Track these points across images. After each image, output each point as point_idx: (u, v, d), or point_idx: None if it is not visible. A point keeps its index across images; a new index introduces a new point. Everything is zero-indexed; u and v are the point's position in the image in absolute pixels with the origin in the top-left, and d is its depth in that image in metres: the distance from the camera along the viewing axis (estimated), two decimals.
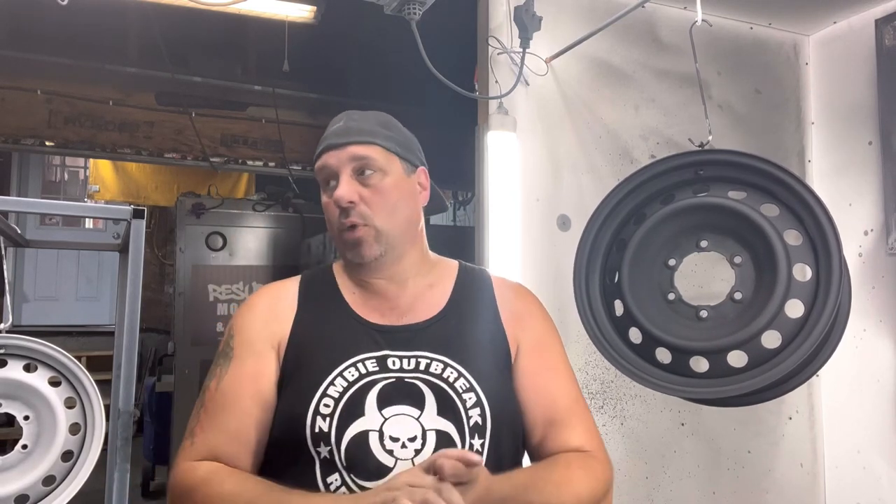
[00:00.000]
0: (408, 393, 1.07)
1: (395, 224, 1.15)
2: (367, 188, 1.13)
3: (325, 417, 1.04)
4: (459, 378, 1.09)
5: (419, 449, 1.04)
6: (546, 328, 1.24)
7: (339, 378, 1.07)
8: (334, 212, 1.14)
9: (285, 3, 2.95)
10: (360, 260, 1.14)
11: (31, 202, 2.34)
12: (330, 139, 1.15)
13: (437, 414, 1.06)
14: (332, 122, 1.20)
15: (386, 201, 1.13)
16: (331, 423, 1.04)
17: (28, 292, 6.40)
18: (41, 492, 1.40)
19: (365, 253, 1.13)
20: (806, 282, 1.35)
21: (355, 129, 1.15)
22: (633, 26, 2.27)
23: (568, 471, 1.08)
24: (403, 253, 1.18)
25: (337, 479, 1.02)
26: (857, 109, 2.37)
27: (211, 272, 4.25)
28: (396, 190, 1.15)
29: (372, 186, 1.13)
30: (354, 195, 1.12)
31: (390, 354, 1.10)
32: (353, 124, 1.16)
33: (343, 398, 1.05)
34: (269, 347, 1.12)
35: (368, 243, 1.12)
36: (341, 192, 1.11)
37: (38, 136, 4.04)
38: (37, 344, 1.43)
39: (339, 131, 1.15)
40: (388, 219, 1.14)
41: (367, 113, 1.21)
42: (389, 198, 1.14)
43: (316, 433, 1.03)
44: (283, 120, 4.37)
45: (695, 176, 1.49)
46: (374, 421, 1.04)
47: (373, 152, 1.14)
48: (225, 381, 1.11)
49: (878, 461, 2.28)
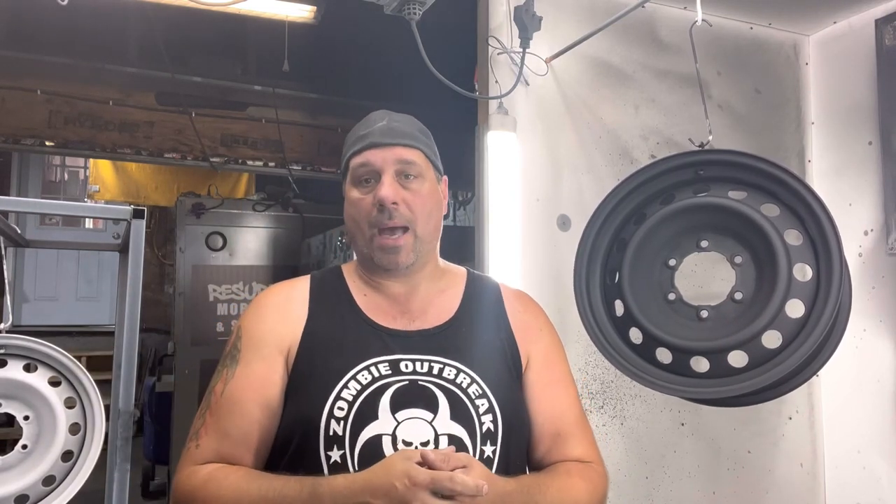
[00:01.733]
0: (421, 396, 1.07)
1: (429, 231, 1.16)
2: (409, 191, 1.13)
3: (339, 421, 1.04)
4: (472, 384, 1.10)
5: None
6: (553, 340, 1.25)
7: (352, 381, 1.06)
8: (369, 210, 1.12)
9: (285, 3, 2.95)
10: (392, 267, 1.13)
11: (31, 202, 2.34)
12: (374, 137, 1.14)
13: (451, 418, 1.06)
14: (369, 120, 1.18)
15: (424, 206, 1.14)
16: (345, 426, 1.03)
17: (28, 292, 6.40)
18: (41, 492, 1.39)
19: (401, 260, 1.12)
20: (806, 282, 1.35)
21: (400, 131, 1.15)
22: (633, 26, 2.27)
23: (569, 478, 1.10)
24: (426, 261, 1.18)
25: None
26: (857, 109, 2.36)
27: (211, 272, 4.25)
28: (432, 197, 1.16)
29: (413, 190, 1.13)
30: (399, 196, 1.11)
31: (403, 358, 1.10)
32: (397, 126, 1.16)
33: (357, 401, 1.05)
34: (277, 352, 1.11)
35: (406, 251, 1.12)
36: (386, 191, 1.10)
37: (38, 136, 4.03)
38: (37, 344, 1.43)
39: (384, 131, 1.14)
40: (425, 225, 1.14)
41: (405, 116, 1.20)
42: (427, 204, 1.14)
43: (330, 436, 1.03)
44: (283, 120, 4.37)
45: (695, 176, 1.49)
46: (388, 425, 1.04)
47: (416, 157, 1.15)
48: (231, 385, 1.10)
49: (878, 461, 2.28)
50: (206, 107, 4.36)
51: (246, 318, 1.16)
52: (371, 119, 1.18)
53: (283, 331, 1.13)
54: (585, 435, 1.18)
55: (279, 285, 1.23)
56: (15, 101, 3.98)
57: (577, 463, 1.14)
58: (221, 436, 1.07)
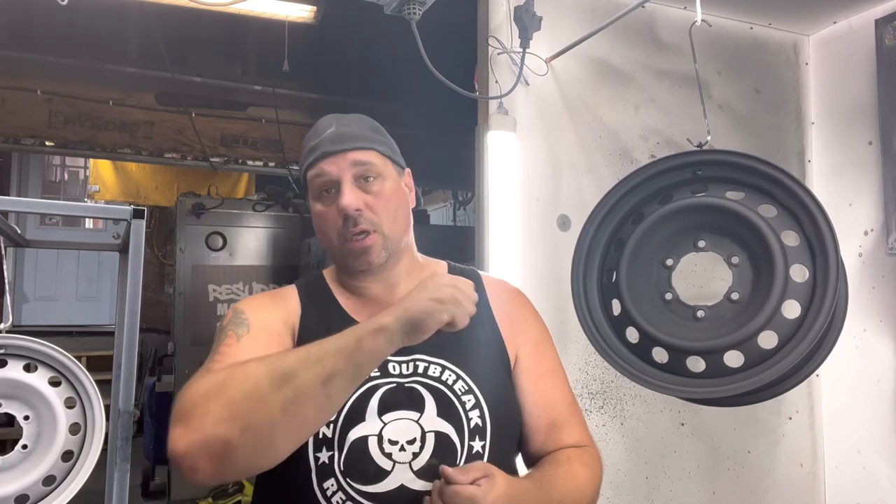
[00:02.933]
0: (407, 397, 1.07)
1: (397, 228, 1.14)
2: (370, 195, 1.11)
3: (328, 423, 1.03)
4: (458, 380, 1.10)
5: (417, 452, 1.04)
6: (540, 329, 1.25)
7: None
8: (335, 221, 1.10)
9: (285, 3, 2.95)
10: (365, 267, 1.12)
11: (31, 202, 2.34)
12: (326, 146, 1.11)
13: (437, 416, 1.06)
14: (317, 129, 1.15)
15: (388, 206, 1.12)
16: (334, 428, 1.03)
17: (28, 292, 6.41)
18: (41, 492, 1.40)
19: (373, 260, 1.11)
20: (803, 283, 1.35)
21: (351, 135, 1.12)
22: (633, 26, 2.27)
23: (570, 466, 1.11)
24: (400, 257, 1.18)
25: (333, 484, 1.02)
26: (857, 109, 2.36)
27: (211, 272, 4.25)
28: (395, 194, 1.15)
29: (375, 193, 1.11)
30: (360, 202, 1.09)
31: (390, 359, 1.09)
32: (347, 130, 1.13)
33: (347, 403, 1.04)
34: (286, 329, 1.10)
35: (377, 250, 1.11)
36: (348, 200, 1.08)
37: (38, 136, 4.04)
38: (37, 344, 1.43)
39: (334, 138, 1.12)
40: (392, 224, 1.13)
41: (355, 116, 1.18)
42: (391, 203, 1.13)
43: (319, 438, 1.03)
44: (283, 120, 4.37)
45: (693, 176, 1.49)
46: (374, 426, 1.04)
47: (372, 157, 1.12)
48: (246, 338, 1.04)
49: (878, 461, 2.28)
50: (206, 107, 4.36)
51: (244, 303, 1.13)
52: (319, 127, 1.15)
53: (285, 316, 1.12)
54: (578, 421, 1.20)
55: (267, 292, 1.22)
56: (15, 101, 3.98)
57: (574, 449, 1.15)
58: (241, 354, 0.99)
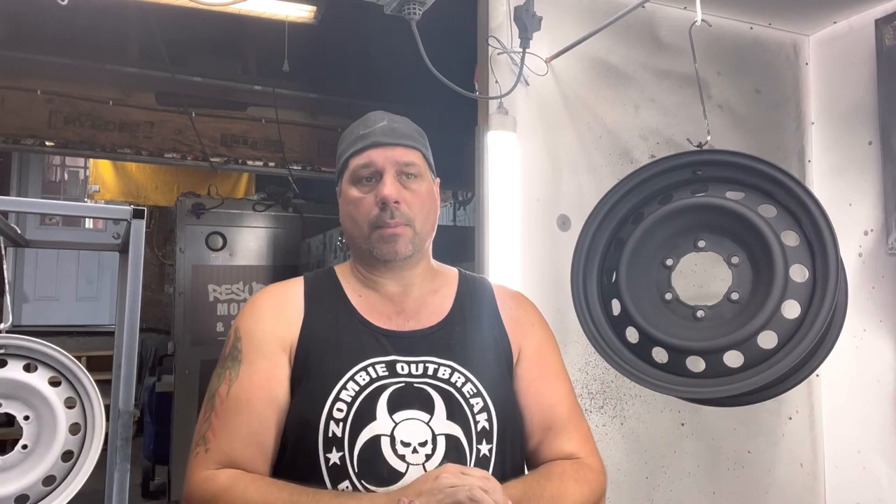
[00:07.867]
0: (417, 397, 1.07)
1: (426, 229, 1.18)
2: (409, 191, 1.15)
3: (338, 422, 1.04)
4: (467, 383, 1.10)
5: (430, 454, 1.04)
6: (546, 335, 1.26)
7: (350, 382, 1.07)
8: (370, 208, 1.14)
9: (285, 3, 2.95)
10: (391, 257, 1.14)
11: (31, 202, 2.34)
12: (376, 136, 1.16)
13: (447, 418, 1.07)
14: (368, 119, 1.20)
15: (423, 206, 1.16)
16: (344, 427, 1.04)
17: (28, 292, 6.41)
18: (41, 492, 1.39)
19: (400, 249, 1.14)
20: (803, 283, 1.35)
21: (401, 132, 1.17)
22: (632, 26, 2.27)
23: (562, 483, 1.08)
24: (421, 258, 1.20)
25: (347, 485, 1.02)
26: (857, 109, 2.36)
27: (211, 272, 4.25)
28: (429, 196, 1.19)
29: (413, 190, 1.15)
30: (400, 195, 1.13)
31: (398, 359, 1.10)
32: (398, 126, 1.18)
33: (356, 402, 1.05)
34: (280, 350, 1.11)
35: (405, 241, 1.14)
36: (389, 190, 1.12)
37: (38, 136, 4.04)
38: (37, 344, 1.43)
39: (386, 131, 1.16)
40: (423, 223, 1.17)
41: (403, 118, 1.23)
42: (426, 203, 1.17)
43: (329, 438, 1.03)
44: (283, 120, 4.38)
45: (693, 176, 1.49)
46: (386, 425, 1.04)
47: (417, 158, 1.18)
48: (236, 386, 1.09)
49: (878, 461, 2.28)
50: (206, 107, 4.36)
51: (243, 320, 1.16)
52: (371, 119, 1.20)
53: (283, 331, 1.13)
54: (579, 429, 1.18)
55: (273, 287, 1.23)
56: (15, 101, 3.99)
57: (572, 463, 1.13)
58: (231, 436, 1.06)
